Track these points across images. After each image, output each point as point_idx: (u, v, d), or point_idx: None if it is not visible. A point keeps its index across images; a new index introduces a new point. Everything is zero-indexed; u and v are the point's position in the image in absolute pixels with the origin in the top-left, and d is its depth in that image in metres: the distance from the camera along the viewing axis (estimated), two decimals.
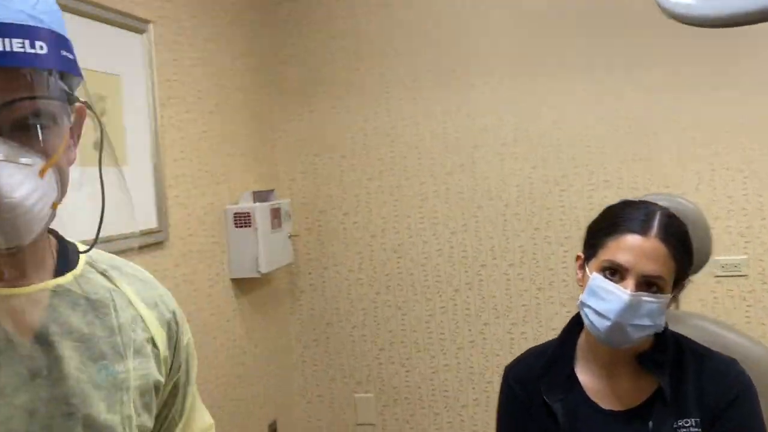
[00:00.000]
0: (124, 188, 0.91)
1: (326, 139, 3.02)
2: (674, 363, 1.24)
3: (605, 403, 1.25)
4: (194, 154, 2.35)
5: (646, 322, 1.16)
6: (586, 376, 1.28)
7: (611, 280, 1.18)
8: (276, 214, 2.68)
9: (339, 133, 3.00)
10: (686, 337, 1.30)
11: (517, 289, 2.86)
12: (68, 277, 0.82)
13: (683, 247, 1.20)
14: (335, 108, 3.00)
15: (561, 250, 2.79)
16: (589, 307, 1.19)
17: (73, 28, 1.60)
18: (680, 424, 1.19)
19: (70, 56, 0.74)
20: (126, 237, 1.92)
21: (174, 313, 0.94)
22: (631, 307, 1.15)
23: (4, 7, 0.66)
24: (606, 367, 1.26)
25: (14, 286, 0.76)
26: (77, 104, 0.79)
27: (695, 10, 0.99)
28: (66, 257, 0.84)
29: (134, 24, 2.03)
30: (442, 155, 2.92)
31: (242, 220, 2.52)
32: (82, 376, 0.79)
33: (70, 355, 0.78)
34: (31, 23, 0.68)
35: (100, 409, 0.80)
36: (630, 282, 1.16)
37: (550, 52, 2.75)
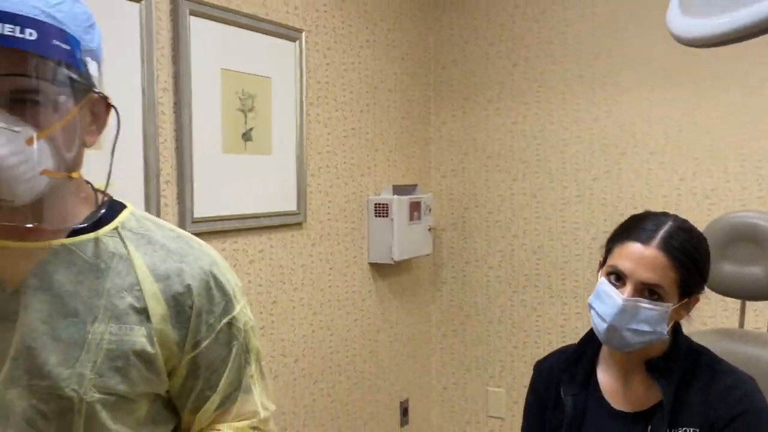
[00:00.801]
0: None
1: (476, 139, 3.16)
2: (685, 372, 1.25)
3: (617, 403, 1.30)
4: (340, 149, 2.63)
5: (645, 327, 1.20)
6: (604, 375, 1.33)
7: (615, 285, 1.22)
8: (416, 207, 2.88)
9: (488, 135, 3.13)
10: (707, 351, 1.30)
11: None
12: (78, 239, 0.91)
13: (687, 259, 1.21)
14: (486, 110, 3.13)
15: None
16: (593, 309, 1.25)
17: (233, 38, 1.94)
18: (677, 431, 1.21)
19: (65, 47, 0.82)
20: (268, 215, 2.26)
21: (189, 288, 0.94)
22: (625, 312, 1.19)
23: (9, 1, 0.79)
24: (621, 369, 1.31)
25: (23, 240, 0.89)
26: (93, 94, 0.89)
27: (684, 31, 1.03)
28: (97, 222, 0.94)
29: (287, 33, 2.34)
30: (588, 161, 2.92)
31: (381, 210, 2.76)
32: (42, 327, 0.88)
33: (38, 307, 0.88)
34: (28, 14, 0.79)
35: (50, 360, 0.87)
36: (628, 288, 1.20)
37: (703, 61, 2.65)
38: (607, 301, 1.22)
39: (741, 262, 1.67)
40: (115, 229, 0.94)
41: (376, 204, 2.77)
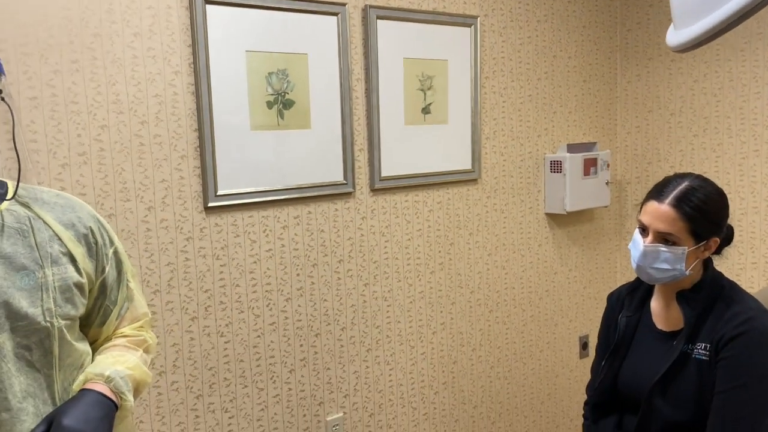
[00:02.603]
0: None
1: (659, 98, 3.35)
2: (708, 301, 1.56)
3: (660, 324, 1.65)
4: (515, 114, 3.05)
5: (665, 266, 1.53)
6: (654, 303, 1.69)
7: (642, 235, 1.57)
8: (592, 163, 3.20)
9: (671, 93, 3.30)
10: (733, 285, 1.58)
11: None
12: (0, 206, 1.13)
13: (694, 211, 1.51)
14: (670, 69, 3.30)
15: None
16: (630, 251, 1.61)
17: (412, 32, 2.52)
18: (695, 346, 1.54)
19: None
20: (445, 173, 2.79)
21: (90, 230, 1.22)
22: (647, 255, 1.54)
23: None
24: (664, 298, 1.65)
25: None
26: None
27: (671, 42, 1.34)
28: None
29: (463, 21, 2.81)
30: (766, 116, 2.99)
31: (556, 166, 3.14)
32: (5, 282, 1.11)
33: None
34: None
35: (23, 304, 1.11)
36: (649, 237, 1.54)
37: None
38: (636, 247, 1.58)
39: None
40: (13, 198, 1.17)
41: (551, 161, 3.16)
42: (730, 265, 3.15)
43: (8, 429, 1.10)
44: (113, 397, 1.17)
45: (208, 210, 2.19)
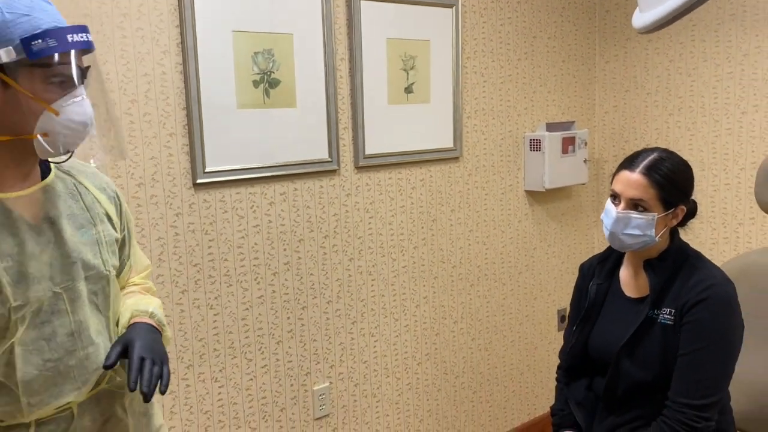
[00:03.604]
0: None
1: (636, 77, 3.44)
2: (674, 269, 1.66)
3: (628, 291, 1.75)
4: (496, 94, 3.13)
5: (636, 232, 1.63)
6: (624, 271, 1.79)
7: (614, 203, 1.66)
8: (570, 141, 3.29)
9: (647, 73, 3.39)
10: (697, 254, 1.69)
11: None
12: (49, 178, 1.29)
13: (665, 179, 1.61)
14: (647, 50, 3.38)
15: None
16: (603, 221, 1.70)
17: (395, 12, 2.58)
18: (661, 311, 1.64)
19: None
20: (428, 152, 2.86)
21: (116, 193, 1.42)
22: (619, 221, 1.64)
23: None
24: (632, 265, 1.75)
25: (25, 188, 1.24)
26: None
27: (636, 24, 1.43)
28: (44, 169, 1.30)
29: (444, 1, 2.87)
30: (738, 95, 3.09)
31: (535, 145, 3.23)
32: (73, 238, 1.29)
33: (65, 228, 1.28)
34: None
35: (89, 257, 1.31)
36: (622, 204, 1.64)
37: None
38: (609, 214, 1.68)
39: None
40: (57, 169, 1.34)
41: (531, 140, 3.24)
42: (704, 239, 3.26)
43: (92, 360, 1.31)
44: (158, 329, 1.40)
45: (197, 186, 2.26)
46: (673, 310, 1.63)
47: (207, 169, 2.26)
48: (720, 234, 3.22)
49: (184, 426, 2.33)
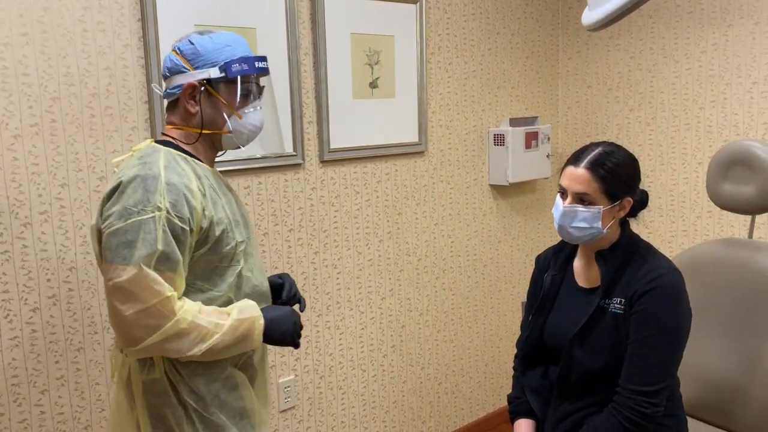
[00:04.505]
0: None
1: (598, 73, 3.50)
2: (624, 260, 1.71)
3: (581, 281, 1.80)
4: (460, 89, 3.17)
5: (584, 224, 1.67)
6: (577, 262, 1.83)
7: (562, 197, 1.71)
8: (533, 136, 3.34)
9: (609, 69, 3.46)
10: (646, 245, 1.74)
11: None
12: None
13: (608, 173, 1.65)
14: (608, 46, 3.45)
15: None
16: (553, 215, 1.75)
17: (359, 8, 2.61)
18: (611, 301, 1.69)
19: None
20: (393, 146, 2.89)
21: None
22: (566, 215, 1.68)
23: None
24: (585, 257, 1.80)
25: (212, 166, 1.71)
26: None
27: (585, 21, 1.48)
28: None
29: None
30: (696, 91, 3.16)
31: (499, 139, 3.27)
32: (240, 209, 1.71)
33: (234, 196, 1.73)
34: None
35: (249, 225, 1.74)
36: (568, 199, 1.68)
37: None
38: (557, 208, 1.72)
39: (737, 183, 2.00)
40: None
41: (495, 134, 3.29)
42: (663, 232, 3.34)
43: (266, 289, 1.73)
44: None
45: None
46: (623, 300, 1.68)
47: None
48: (679, 227, 3.30)
49: None
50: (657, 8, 3.24)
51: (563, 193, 1.73)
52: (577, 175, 1.68)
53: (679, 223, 3.29)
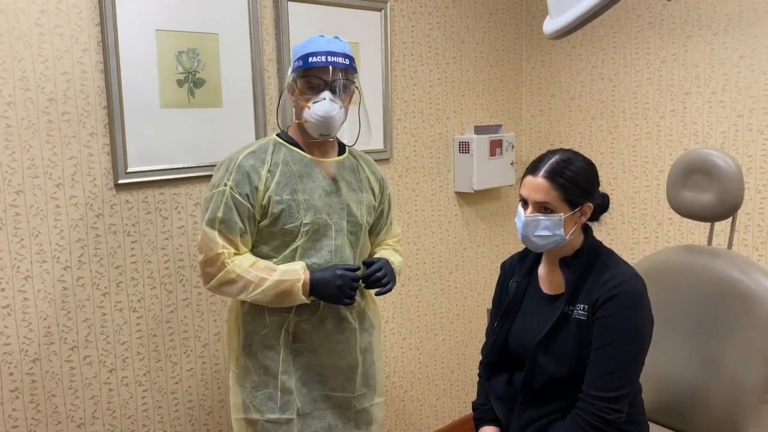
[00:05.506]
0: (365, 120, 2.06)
1: (561, 82, 3.54)
2: (587, 266, 1.72)
3: (545, 288, 1.81)
4: (425, 97, 3.18)
5: (546, 233, 1.68)
6: (542, 268, 1.84)
7: (524, 207, 1.72)
8: (497, 144, 3.36)
9: (572, 78, 3.50)
10: (609, 252, 1.75)
11: None
12: (343, 156, 2.06)
13: (567, 181, 1.67)
14: (570, 55, 3.49)
15: (759, 196, 2.92)
16: (516, 225, 1.76)
17: (323, 15, 2.58)
18: (575, 307, 1.70)
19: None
20: (365, 152, 2.87)
21: (382, 178, 2.17)
22: (528, 225, 1.69)
23: (341, 47, 1.92)
24: (550, 263, 1.80)
25: (326, 158, 2.00)
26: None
27: (547, 30, 1.49)
28: (341, 148, 2.08)
29: (373, 5, 2.90)
30: (656, 100, 3.21)
31: (464, 147, 3.28)
32: (348, 195, 2.01)
33: (342, 186, 2.01)
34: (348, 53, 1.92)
35: (354, 208, 2.00)
36: (530, 208, 1.69)
37: (761, 8, 2.83)
38: (519, 218, 1.73)
39: (696, 190, 2.03)
40: (349, 152, 2.11)
41: (460, 142, 3.30)
42: (625, 239, 3.38)
43: None
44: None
45: (119, 187, 2.22)
46: (587, 306, 1.69)
47: (129, 169, 2.23)
48: (640, 234, 3.34)
49: (107, 429, 2.27)
50: (618, 18, 3.29)
51: (524, 203, 1.73)
52: (537, 185, 1.69)
53: (640, 230, 3.33)
